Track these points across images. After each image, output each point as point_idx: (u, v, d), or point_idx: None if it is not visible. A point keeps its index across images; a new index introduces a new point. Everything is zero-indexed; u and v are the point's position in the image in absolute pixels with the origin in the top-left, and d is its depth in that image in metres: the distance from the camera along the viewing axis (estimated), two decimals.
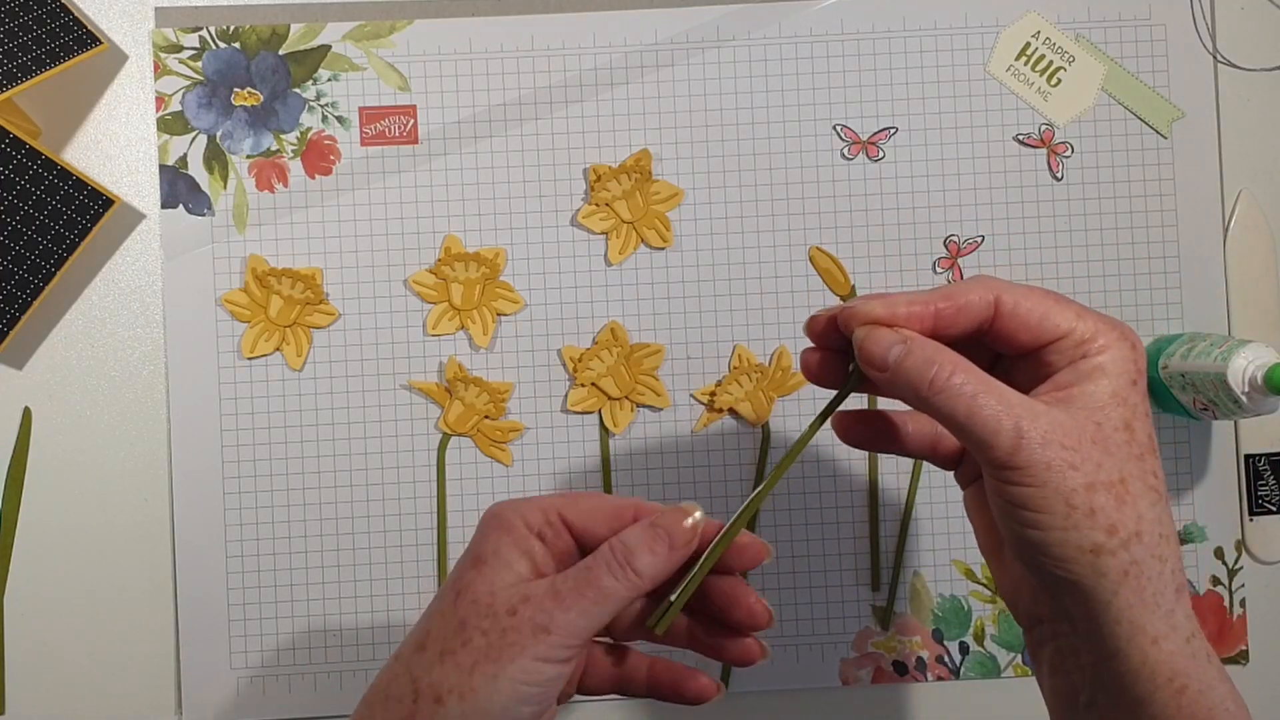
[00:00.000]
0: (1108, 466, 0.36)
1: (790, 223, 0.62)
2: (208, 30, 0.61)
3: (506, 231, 0.61)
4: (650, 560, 0.38)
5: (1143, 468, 0.36)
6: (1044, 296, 0.38)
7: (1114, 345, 0.37)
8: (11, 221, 0.56)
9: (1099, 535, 0.35)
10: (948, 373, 0.36)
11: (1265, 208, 0.63)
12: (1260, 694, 0.62)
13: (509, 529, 0.39)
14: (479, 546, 0.39)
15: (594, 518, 0.40)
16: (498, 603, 0.37)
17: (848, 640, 0.61)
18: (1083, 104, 0.62)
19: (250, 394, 0.60)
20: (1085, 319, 0.37)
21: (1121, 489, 0.36)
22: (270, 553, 0.60)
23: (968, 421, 0.36)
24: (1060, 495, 0.35)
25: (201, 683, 0.60)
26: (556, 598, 0.37)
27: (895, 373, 0.37)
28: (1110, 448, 0.36)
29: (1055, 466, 0.35)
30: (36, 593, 0.60)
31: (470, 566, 0.38)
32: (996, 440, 0.35)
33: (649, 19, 0.62)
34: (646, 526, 0.39)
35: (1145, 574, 0.36)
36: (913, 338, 0.37)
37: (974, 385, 0.36)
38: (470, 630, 0.37)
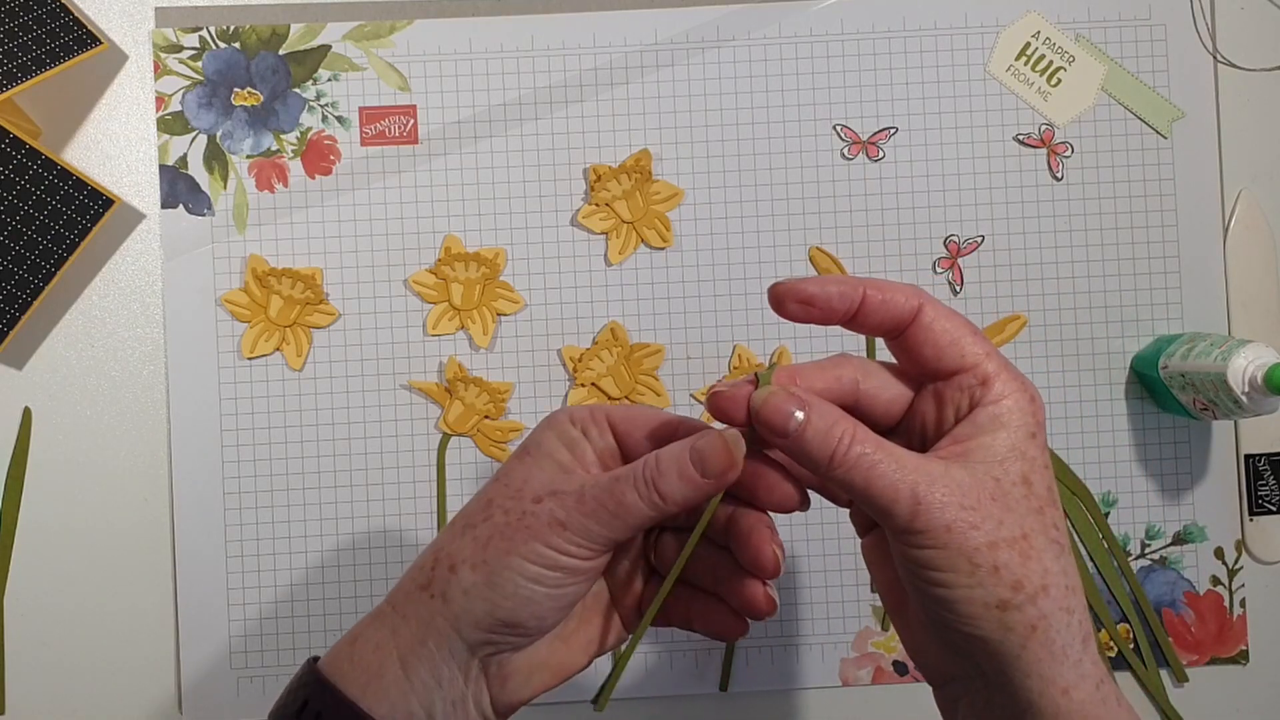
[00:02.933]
0: (1009, 523, 0.36)
1: (790, 223, 0.62)
2: (208, 30, 0.61)
3: (506, 231, 0.61)
4: (678, 486, 0.38)
5: (1043, 521, 0.36)
6: (964, 324, 0.38)
7: (1012, 395, 0.37)
8: (11, 221, 0.56)
9: (1004, 591, 0.35)
10: (846, 444, 0.36)
11: (1265, 208, 0.63)
12: (1260, 694, 0.62)
13: (556, 424, 0.40)
14: (527, 441, 0.40)
15: (638, 424, 0.40)
16: (527, 489, 0.38)
17: (848, 640, 0.61)
18: (1083, 104, 0.62)
19: (250, 394, 0.60)
20: (993, 359, 0.37)
21: (1025, 544, 0.36)
22: (270, 553, 0.60)
23: (865, 491, 0.36)
24: (963, 554, 0.35)
25: (201, 683, 0.60)
26: (580, 499, 0.37)
27: (796, 441, 0.36)
28: (1010, 503, 0.36)
29: (956, 527, 0.35)
30: (36, 593, 0.60)
31: (515, 458, 0.39)
32: (895, 507, 0.35)
33: (649, 19, 0.62)
34: (683, 449, 0.38)
35: (1053, 627, 0.36)
36: (811, 404, 0.37)
37: (871, 454, 0.36)
38: (494, 508, 0.38)
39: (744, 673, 0.61)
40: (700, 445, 0.38)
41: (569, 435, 0.39)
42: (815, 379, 0.38)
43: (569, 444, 0.39)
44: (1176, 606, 0.62)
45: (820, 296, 0.38)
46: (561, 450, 0.39)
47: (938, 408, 0.38)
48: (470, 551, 0.38)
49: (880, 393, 0.39)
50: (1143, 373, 0.61)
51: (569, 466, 0.39)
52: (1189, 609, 0.62)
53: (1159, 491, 0.62)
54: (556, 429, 0.40)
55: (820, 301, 0.38)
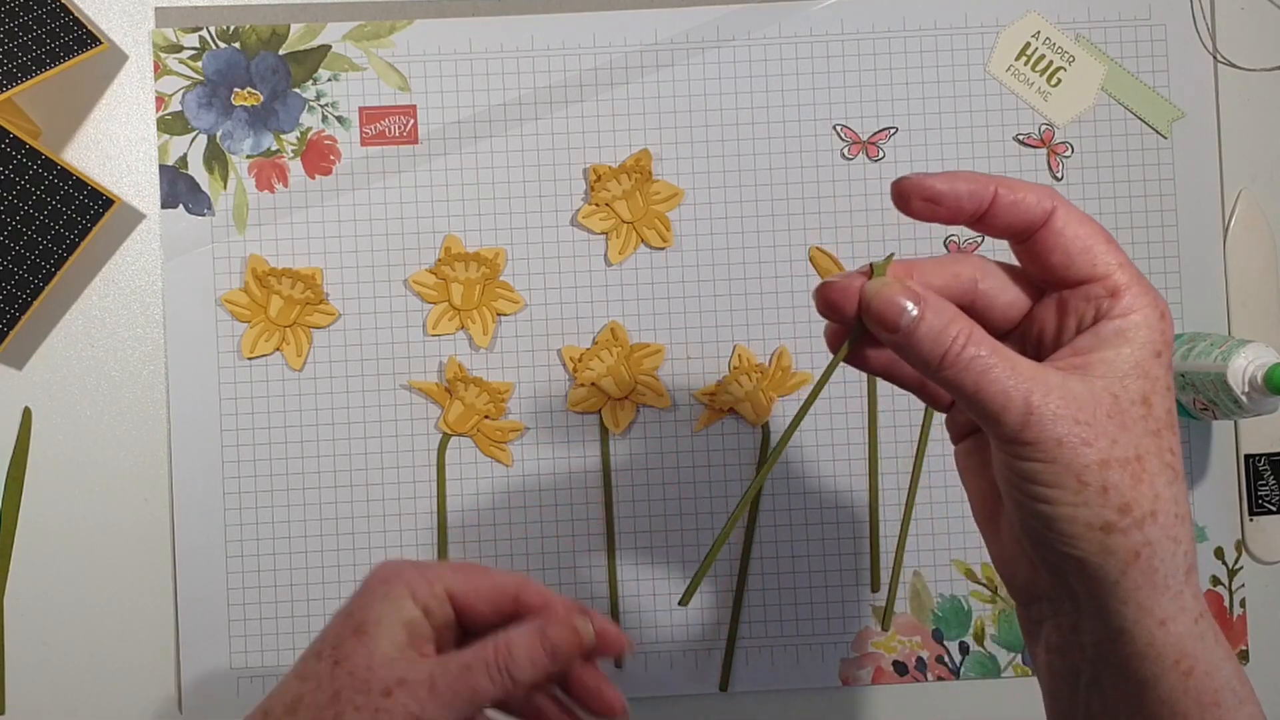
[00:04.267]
0: (1123, 442, 0.34)
1: (790, 223, 0.62)
2: (208, 30, 0.61)
3: (506, 231, 0.61)
4: (530, 671, 0.39)
5: (1159, 444, 0.34)
6: (1098, 231, 0.36)
7: (1142, 310, 0.35)
8: (11, 221, 0.56)
9: (1110, 514, 0.34)
10: (960, 344, 0.34)
11: (1265, 208, 0.63)
12: (1260, 694, 0.61)
13: (394, 600, 0.39)
14: (362, 612, 0.39)
15: (478, 596, 0.40)
16: (374, 680, 0.38)
17: (848, 640, 0.61)
18: (1083, 104, 0.62)
19: (250, 394, 0.60)
20: (1126, 270, 0.35)
21: (1138, 466, 0.34)
22: (270, 553, 0.60)
23: (976, 395, 0.34)
24: (1072, 471, 0.33)
25: (201, 683, 0.60)
26: (432, 690, 0.38)
27: (906, 338, 0.35)
28: (1126, 422, 0.34)
29: (1068, 442, 0.33)
30: (36, 593, 0.60)
31: (351, 634, 0.39)
32: (1006, 415, 0.34)
33: (649, 19, 0.62)
34: (534, 638, 0.39)
35: (1158, 555, 0.34)
36: (926, 300, 0.35)
37: (985, 356, 0.34)
38: (344, 704, 0.37)
39: (744, 673, 0.61)
40: (552, 636, 0.39)
41: (408, 614, 0.39)
42: (933, 275, 0.37)
43: (408, 624, 0.39)
44: None
45: (949, 194, 0.36)
46: (400, 632, 0.39)
47: (1059, 317, 0.36)
48: None
49: (999, 295, 0.37)
50: None
51: (406, 650, 0.39)
52: None
53: None
54: (394, 604, 0.39)
55: (948, 199, 0.36)
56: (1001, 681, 0.61)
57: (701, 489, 0.61)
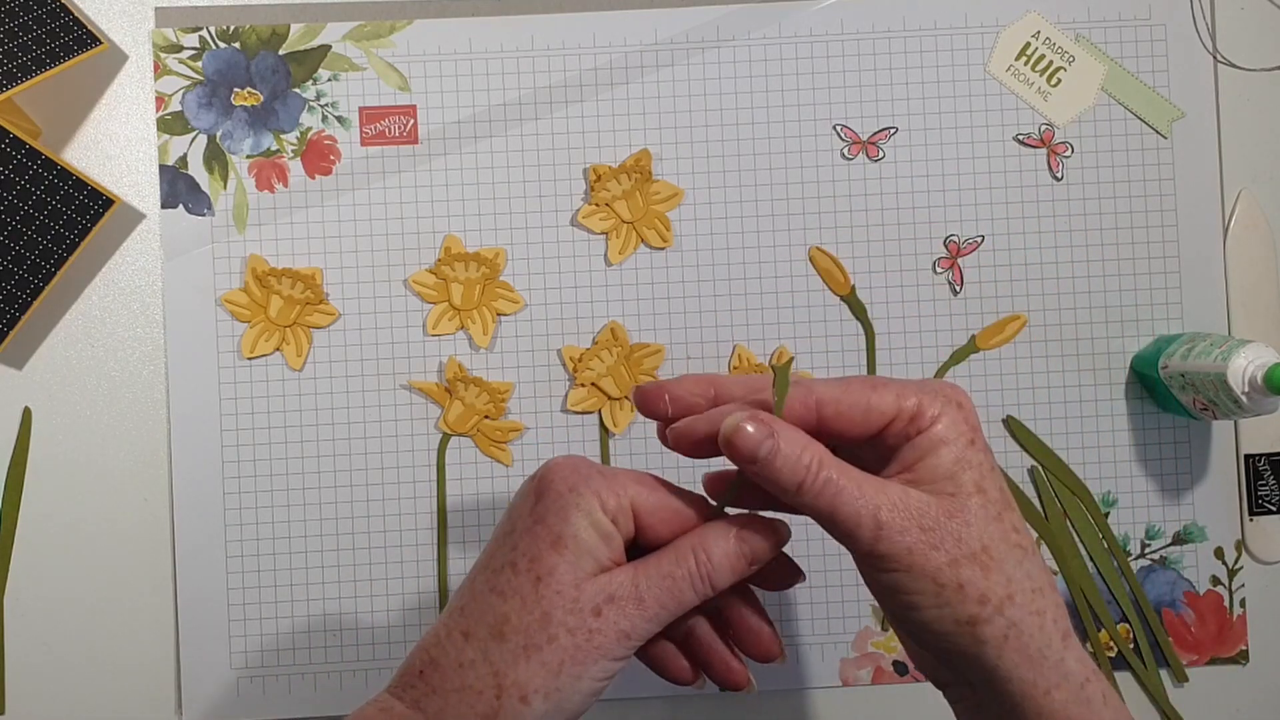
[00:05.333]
0: (967, 538, 0.36)
1: (790, 223, 0.62)
2: (208, 30, 0.61)
3: (506, 231, 0.61)
4: (730, 578, 0.39)
5: (1002, 528, 0.37)
6: (860, 386, 0.38)
7: (942, 412, 0.38)
8: (11, 221, 0.56)
9: (972, 607, 0.36)
10: (814, 471, 0.37)
11: (1265, 208, 0.63)
12: (1260, 694, 0.62)
13: (587, 509, 0.38)
14: (558, 522, 0.38)
15: (662, 516, 0.39)
16: (583, 598, 0.37)
17: (848, 640, 0.61)
18: (1083, 104, 0.62)
19: (250, 394, 0.60)
20: (906, 396, 0.38)
21: (985, 557, 0.36)
22: (270, 553, 0.60)
23: (831, 517, 0.36)
24: (927, 575, 0.36)
25: (201, 683, 0.60)
26: (640, 604, 0.37)
27: (766, 468, 0.37)
28: (968, 518, 0.36)
29: (917, 549, 0.36)
30: (36, 593, 0.60)
31: (550, 547, 0.38)
32: (859, 532, 0.36)
33: (649, 19, 0.62)
34: (733, 541, 0.39)
35: (1025, 632, 0.36)
36: (780, 431, 0.37)
37: (836, 481, 0.36)
38: (556, 627, 0.37)
39: None
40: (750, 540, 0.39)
41: (604, 528, 0.38)
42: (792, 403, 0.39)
43: (605, 537, 0.38)
44: (1176, 606, 0.62)
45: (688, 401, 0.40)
46: (599, 545, 0.38)
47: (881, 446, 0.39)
48: (542, 679, 0.37)
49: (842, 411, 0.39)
50: (1143, 373, 0.61)
51: (605, 563, 0.38)
52: (1189, 609, 0.62)
53: (1159, 491, 0.62)
54: (588, 514, 0.38)
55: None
56: None
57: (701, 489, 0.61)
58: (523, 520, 0.39)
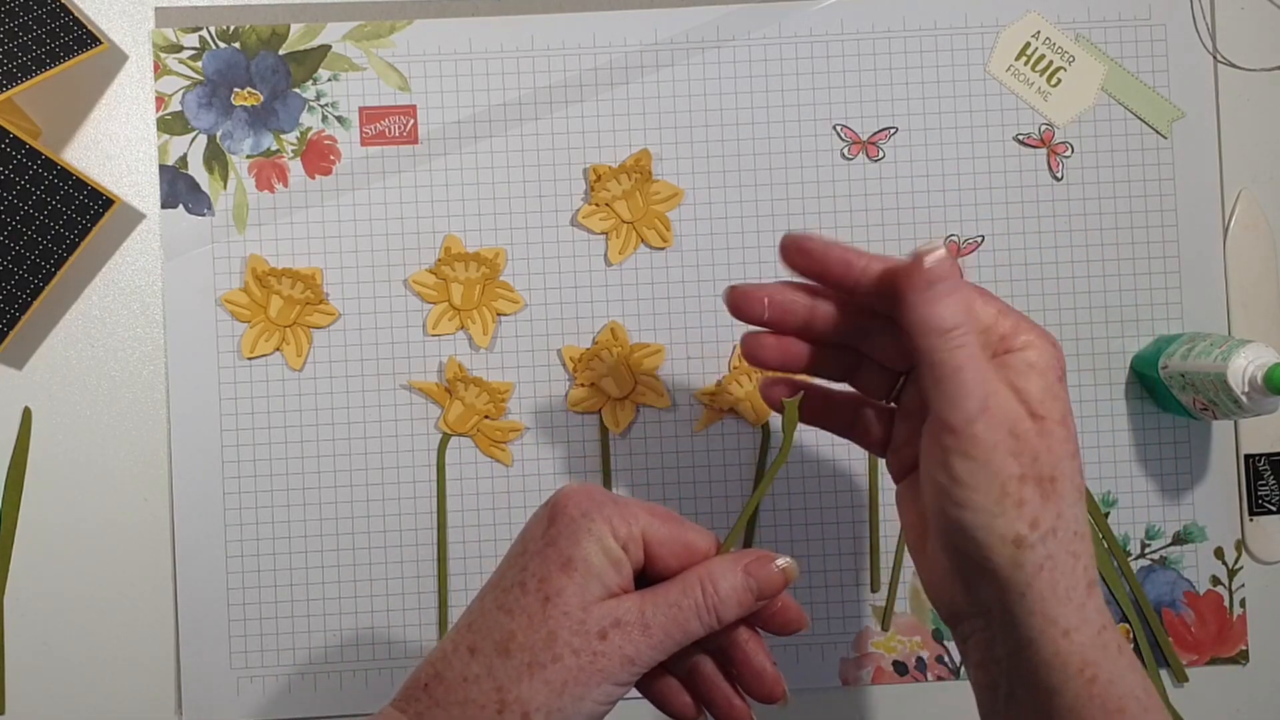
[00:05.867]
0: (1044, 461, 0.37)
1: (790, 223, 0.62)
2: (208, 30, 0.61)
3: (506, 231, 0.61)
4: (735, 612, 0.39)
5: (1074, 466, 0.38)
6: (973, 290, 0.39)
7: (1037, 343, 0.38)
8: (11, 221, 0.56)
9: (1022, 527, 0.36)
10: (966, 329, 0.37)
11: (1265, 208, 0.63)
12: (1260, 694, 0.62)
13: (598, 535, 0.38)
14: (569, 545, 0.38)
15: (672, 549, 0.39)
16: (590, 621, 0.37)
17: (848, 640, 0.61)
18: (1083, 104, 0.62)
19: (250, 394, 0.60)
20: (1006, 315, 0.39)
21: (1050, 486, 0.37)
22: (270, 553, 0.60)
23: (953, 376, 0.36)
24: (997, 480, 0.36)
25: (201, 683, 0.60)
26: (646, 631, 0.37)
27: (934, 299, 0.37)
28: (1051, 443, 0.37)
29: (999, 449, 0.36)
30: (36, 593, 0.60)
31: (559, 569, 0.38)
32: (966, 403, 0.36)
33: (649, 19, 0.62)
34: (739, 573, 0.39)
35: (1059, 568, 0.37)
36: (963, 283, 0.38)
37: (972, 349, 0.37)
38: (561, 647, 0.37)
39: None
40: (757, 575, 0.39)
41: (614, 554, 0.38)
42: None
43: (614, 563, 0.38)
44: (1176, 606, 0.62)
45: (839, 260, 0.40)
46: (608, 570, 0.38)
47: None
48: (545, 698, 0.37)
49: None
50: (1143, 373, 0.61)
51: (613, 589, 0.38)
52: (1189, 609, 0.62)
53: (1159, 491, 0.62)
54: (599, 539, 0.38)
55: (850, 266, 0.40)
56: None
57: (701, 489, 0.61)
58: (534, 542, 0.39)
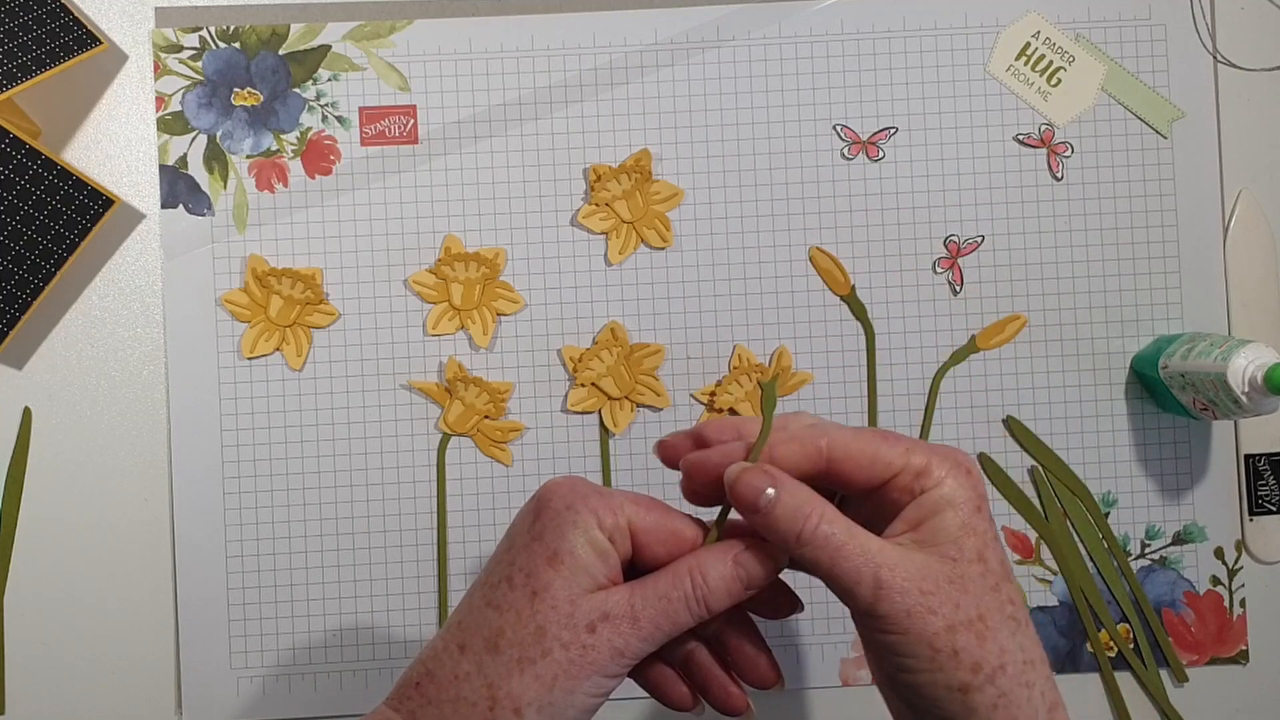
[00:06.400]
0: (965, 605, 0.36)
1: (790, 223, 0.62)
2: (208, 30, 0.61)
3: (506, 231, 0.61)
4: (725, 601, 0.39)
5: (999, 599, 0.37)
6: (870, 437, 0.38)
7: (949, 475, 0.38)
8: (11, 221, 0.56)
9: (964, 675, 0.36)
10: (814, 523, 0.37)
11: (1265, 208, 0.63)
12: (1260, 694, 0.62)
13: (584, 527, 0.38)
14: (555, 539, 0.38)
15: (658, 537, 0.39)
16: (578, 614, 0.37)
17: (848, 640, 0.61)
18: (1083, 104, 0.62)
19: (250, 394, 0.60)
20: (915, 453, 0.38)
21: (981, 626, 0.36)
22: (270, 553, 0.60)
23: (831, 572, 0.37)
24: (924, 640, 0.36)
25: (201, 683, 0.60)
26: (635, 623, 0.37)
27: (765, 518, 0.37)
28: (967, 585, 0.37)
29: (915, 613, 0.36)
30: (36, 593, 0.60)
31: (546, 562, 0.38)
32: (859, 590, 0.36)
33: (649, 19, 0.62)
34: (730, 565, 0.39)
35: (1014, 703, 0.36)
36: (782, 483, 0.37)
37: (839, 535, 0.37)
38: (550, 641, 0.37)
39: None
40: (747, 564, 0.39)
41: (601, 545, 0.38)
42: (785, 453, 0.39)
43: (601, 555, 0.38)
44: (1176, 606, 0.62)
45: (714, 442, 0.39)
46: (596, 562, 0.38)
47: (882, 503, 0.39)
48: (535, 693, 0.37)
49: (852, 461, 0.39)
50: (1143, 373, 0.61)
51: (601, 581, 0.38)
52: (1189, 609, 0.62)
53: (1159, 491, 0.62)
54: (585, 531, 0.38)
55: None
56: None
57: None
58: (521, 537, 0.39)
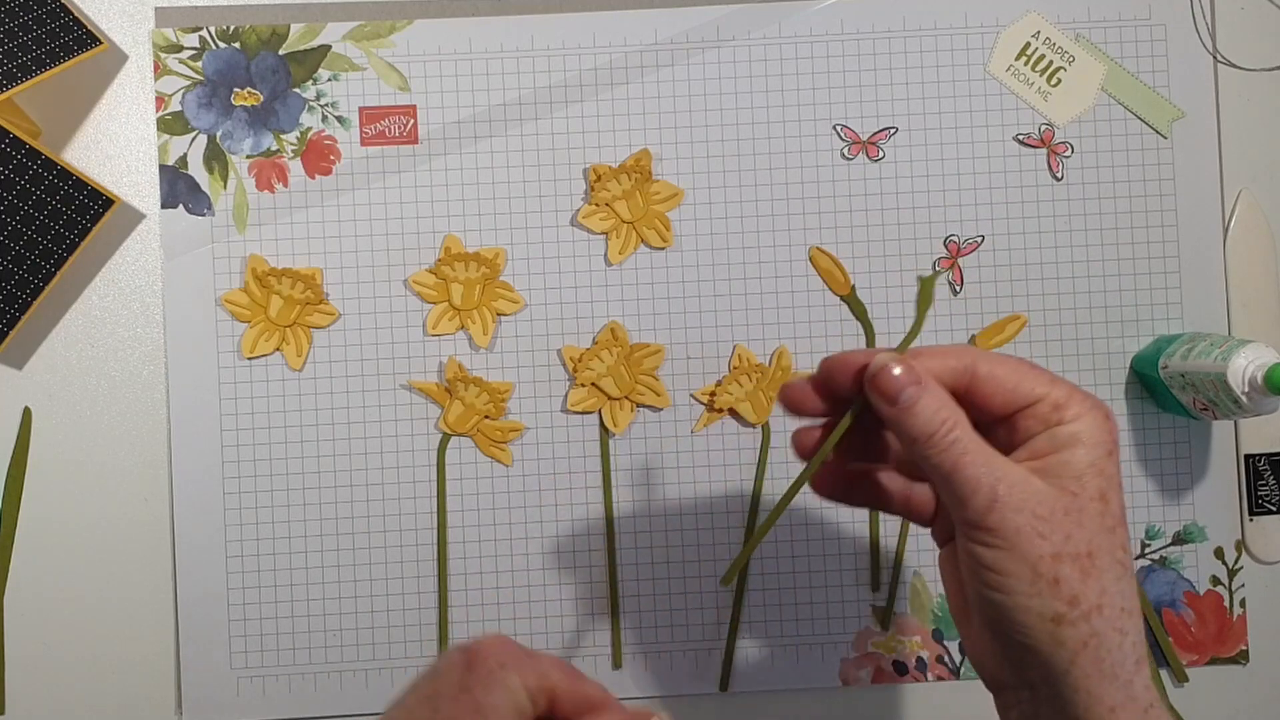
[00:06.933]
0: (1077, 538, 0.36)
1: (790, 223, 0.62)
2: (208, 30, 0.61)
3: (506, 231, 0.61)
4: None
5: (1113, 541, 0.37)
6: (1018, 364, 0.39)
7: (1087, 414, 0.38)
8: (11, 221, 0.56)
9: (1060, 605, 0.36)
10: (947, 429, 0.37)
11: (1265, 208, 0.63)
12: (1260, 694, 0.62)
13: (511, 689, 0.38)
14: (483, 695, 0.38)
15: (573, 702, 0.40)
16: None
17: (848, 640, 0.61)
18: (1083, 104, 0.62)
19: (250, 394, 0.60)
20: (1058, 386, 0.38)
21: (1088, 562, 0.36)
22: (270, 553, 0.60)
23: (950, 477, 0.37)
24: (1027, 562, 0.36)
25: (201, 683, 0.60)
26: None
27: (903, 412, 0.38)
28: (1083, 519, 0.37)
29: (1024, 533, 0.36)
30: (36, 593, 0.60)
31: (471, 715, 0.38)
32: (973, 499, 0.36)
33: (649, 19, 0.62)
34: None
35: (1105, 645, 0.36)
36: (928, 383, 0.38)
37: (965, 443, 0.37)
38: None
39: (744, 673, 0.61)
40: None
41: (523, 707, 0.38)
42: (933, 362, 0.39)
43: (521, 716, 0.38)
44: (1176, 606, 0.62)
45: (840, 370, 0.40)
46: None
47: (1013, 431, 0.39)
48: None
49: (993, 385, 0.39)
50: (1143, 373, 0.61)
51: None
52: (1189, 609, 0.62)
53: (1159, 491, 0.62)
54: (511, 692, 0.38)
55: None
56: None
57: (701, 489, 0.61)
58: (449, 687, 0.39)
